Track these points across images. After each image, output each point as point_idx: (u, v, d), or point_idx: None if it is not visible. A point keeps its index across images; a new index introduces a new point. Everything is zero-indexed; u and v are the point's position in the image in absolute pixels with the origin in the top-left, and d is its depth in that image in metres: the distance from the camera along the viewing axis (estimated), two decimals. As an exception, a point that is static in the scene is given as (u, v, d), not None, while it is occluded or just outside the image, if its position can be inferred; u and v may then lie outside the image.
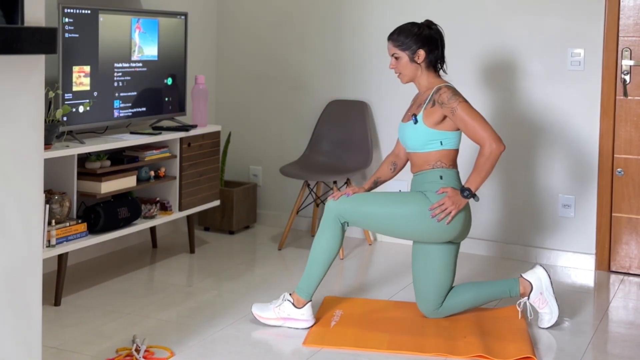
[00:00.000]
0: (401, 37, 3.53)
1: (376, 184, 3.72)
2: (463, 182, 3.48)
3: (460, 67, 4.76)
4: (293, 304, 3.48)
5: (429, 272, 3.53)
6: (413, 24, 3.59)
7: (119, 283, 4.07)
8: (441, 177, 3.45)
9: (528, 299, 3.53)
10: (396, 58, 3.55)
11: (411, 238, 3.55)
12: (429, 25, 3.58)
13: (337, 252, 3.50)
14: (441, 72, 3.63)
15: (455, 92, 3.46)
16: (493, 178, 4.71)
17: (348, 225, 3.51)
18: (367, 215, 3.47)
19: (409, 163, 3.71)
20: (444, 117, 3.44)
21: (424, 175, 3.49)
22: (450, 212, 3.39)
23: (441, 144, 3.46)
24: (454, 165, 3.52)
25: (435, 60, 3.57)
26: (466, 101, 3.45)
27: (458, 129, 3.48)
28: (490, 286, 3.58)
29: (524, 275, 3.56)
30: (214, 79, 5.45)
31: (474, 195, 3.43)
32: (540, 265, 3.59)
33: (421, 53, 3.52)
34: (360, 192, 3.56)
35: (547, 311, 3.52)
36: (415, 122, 3.48)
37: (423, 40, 3.52)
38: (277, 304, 3.51)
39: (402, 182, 4.88)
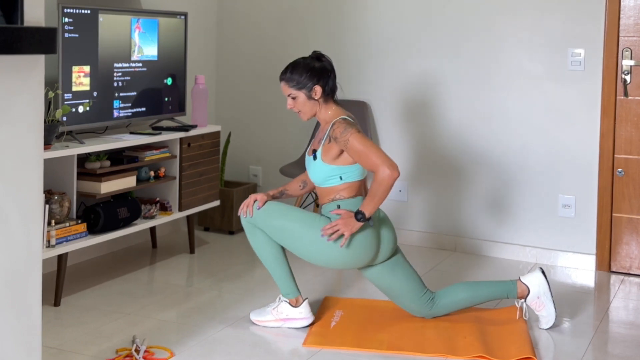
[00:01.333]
0: (295, 76, 3.44)
1: (282, 194, 3.66)
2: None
3: (461, 67, 4.76)
4: (289, 303, 3.49)
5: (394, 288, 3.53)
6: (303, 59, 3.51)
7: (119, 283, 4.07)
8: (338, 207, 3.42)
9: (525, 301, 3.53)
10: (293, 98, 3.47)
11: (321, 263, 3.48)
12: (319, 57, 3.51)
13: (276, 245, 3.48)
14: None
15: (348, 124, 3.38)
16: (492, 177, 4.71)
17: None
18: (277, 229, 3.43)
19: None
20: (341, 152, 3.39)
21: (325, 207, 3.47)
22: (342, 234, 3.32)
23: (340, 178, 3.42)
24: (357, 194, 3.46)
25: (331, 91, 3.49)
26: (359, 131, 3.37)
27: (356, 162, 3.41)
28: (488, 287, 3.58)
29: (522, 278, 3.55)
30: (214, 79, 5.45)
31: (368, 219, 3.35)
32: (540, 269, 3.58)
33: (317, 89, 3.44)
34: (267, 199, 3.49)
35: (544, 314, 3.52)
36: (315, 158, 3.45)
37: (317, 76, 3.44)
38: (274, 306, 3.52)
39: (403, 182, 4.88)
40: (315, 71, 3.45)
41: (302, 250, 3.43)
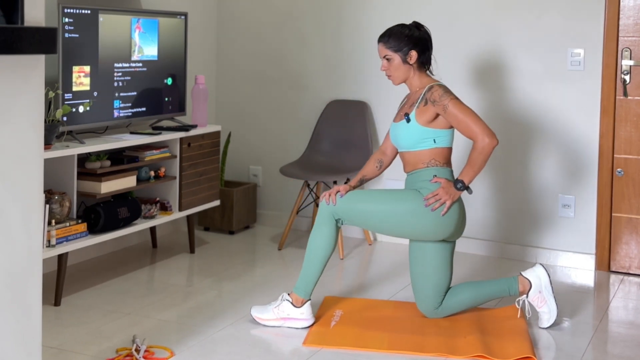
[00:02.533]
0: (392, 39, 3.54)
1: (362, 181, 3.71)
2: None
3: (461, 67, 4.76)
4: (292, 303, 3.49)
5: (427, 272, 3.53)
6: (403, 25, 3.59)
7: (119, 283, 4.07)
8: (435, 176, 3.46)
9: (527, 297, 3.53)
10: (388, 60, 3.56)
11: (407, 236, 3.55)
12: (418, 26, 3.59)
13: (333, 249, 3.51)
14: (429, 72, 3.63)
15: (446, 90, 3.48)
16: (493, 177, 4.71)
17: (342, 223, 3.52)
18: (361, 212, 3.48)
19: (396, 161, 3.72)
20: (437, 115, 3.45)
21: (418, 174, 3.50)
22: (444, 203, 3.39)
23: (434, 142, 3.47)
24: (447, 164, 3.52)
25: (426, 61, 3.59)
26: (457, 98, 3.47)
27: (451, 127, 3.48)
28: (489, 285, 3.58)
29: (523, 273, 3.56)
30: (214, 79, 5.45)
31: (467, 188, 3.43)
32: (541, 265, 3.59)
33: (413, 54, 3.53)
34: (349, 189, 3.55)
35: (546, 310, 3.53)
36: (408, 120, 3.49)
37: (414, 42, 3.54)
38: (276, 305, 3.52)
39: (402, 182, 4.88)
40: (413, 37, 3.54)
41: (392, 227, 3.48)
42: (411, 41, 3.53)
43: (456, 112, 3.41)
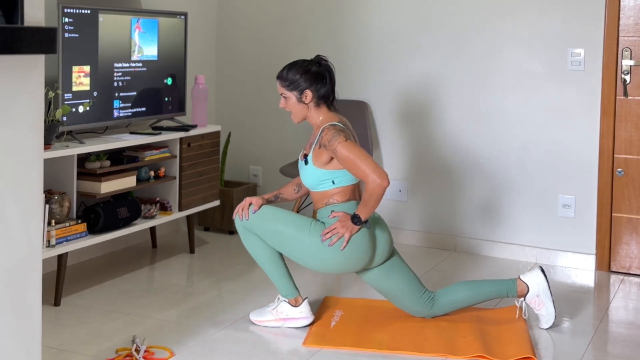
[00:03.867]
0: (289, 77, 3.45)
1: (277, 198, 3.64)
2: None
3: (460, 67, 4.76)
4: (289, 303, 3.49)
5: (392, 291, 3.52)
6: (303, 61, 3.50)
7: (119, 283, 4.07)
8: (332, 211, 3.40)
9: (524, 299, 3.53)
10: (285, 97, 3.48)
11: (316, 268, 3.46)
12: (319, 61, 3.51)
13: (269, 247, 3.47)
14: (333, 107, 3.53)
15: (336, 132, 3.35)
16: (492, 177, 4.71)
17: None
18: (272, 232, 3.41)
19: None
20: (332, 158, 3.38)
21: (320, 213, 3.46)
22: (342, 236, 3.32)
23: (333, 182, 3.41)
24: (351, 198, 3.44)
25: (326, 96, 3.49)
26: (347, 140, 3.34)
27: None
28: (487, 285, 3.58)
29: (522, 276, 3.55)
30: (214, 79, 5.45)
31: (364, 222, 3.34)
32: (540, 268, 3.58)
33: (308, 93, 3.44)
34: (262, 203, 3.47)
35: (544, 313, 3.52)
36: (306, 163, 3.45)
37: (311, 79, 3.44)
38: (273, 306, 3.52)
39: (403, 182, 4.88)
40: (309, 75, 3.44)
41: (298, 255, 3.42)
42: (307, 79, 3.43)
43: (346, 155, 3.30)
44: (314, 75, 3.45)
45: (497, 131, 4.70)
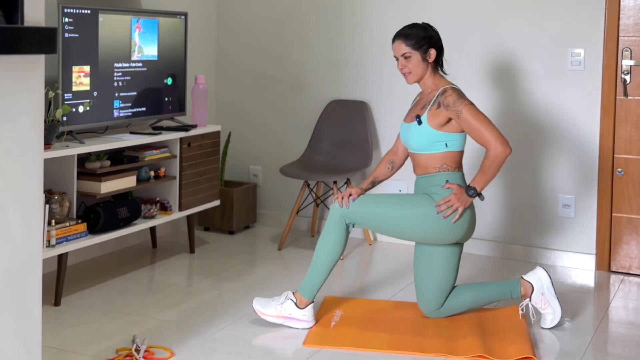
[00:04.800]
0: (412, 36, 3.51)
1: (374, 184, 3.71)
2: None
3: (461, 68, 4.76)
4: (295, 303, 3.48)
5: (432, 272, 3.53)
6: (418, 24, 3.58)
7: (119, 283, 4.07)
8: (447, 182, 3.45)
9: (530, 300, 3.53)
10: (406, 57, 3.51)
11: (418, 240, 3.54)
12: (431, 27, 3.59)
13: (341, 253, 3.51)
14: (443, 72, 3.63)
15: (460, 95, 3.45)
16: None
17: (353, 227, 3.51)
18: (374, 216, 3.47)
19: (407, 162, 3.71)
20: (449, 119, 3.43)
21: (430, 179, 3.48)
22: (456, 209, 3.38)
23: (446, 145, 3.45)
24: (459, 167, 3.51)
25: (441, 62, 3.58)
26: (472, 104, 3.44)
27: (463, 131, 3.46)
28: (491, 287, 3.58)
29: (524, 276, 3.56)
30: (214, 79, 5.45)
31: (479, 194, 3.41)
32: (541, 266, 3.59)
33: (432, 52, 3.52)
34: (361, 193, 3.55)
35: (550, 311, 3.52)
36: (420, 123, 3.46)
37: (433, 41, 3.53)
38: (279, 302, 3.50)
39: (402, 182, 4.88)
40: (432, 37, 3.54)
41: (406, 231, 3.47)
42: (430, 40, 3.52)
43: (470, 119, 3.38)
44: (436, 39, 3.55)
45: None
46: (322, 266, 3.48)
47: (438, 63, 3.56)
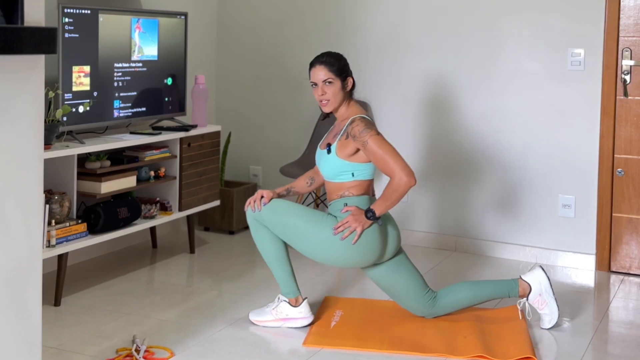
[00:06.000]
0: (334, 64, 3.47)
1: (288, 192, 3.64)
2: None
3: (461, 67, 4.76)
4: (289, 303, 3.49)
5: (397, 289, 3.53)
6: (332, 53, 3.53)
7: (119, 283, 4.07)
8: (345, 205, 3.41)
9: (527, 299, 3.53)
10: (328, 83, 3.45)
11: (325, 261, 3.47)
12: (343, 56, 3.56)
13: (281, 242, 3.46)
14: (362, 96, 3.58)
15: (368, 125, 3.38)
16: (493, 177, 4.71)
17: None
18: (282, 225, 3.41)
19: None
20: (357, 150, 3.39)
21: (333, 205, 3.46)
22: (354, 230, 3.32)
23: (353, 175, 3.41)
24: (365, 193, 3.45)
25: (353, 88, 3.54)
26: (379, 134, 3.38)
27: (370, 161, 3.41)
28: (489, 286, 3.58)
29: (523, 276, 3.56)
30: (214, 79, 5.45)
31: (377, 218, 3.35)
32: (540, 267, 3.59)
33: (350, 81, 3.49)
34: (273, 196, 3.47)
35: (547, 312, 3.52)
36: (329, 152, 3.44)
37: (348, 70, 3.51)
38: (273, 306, 3.52)
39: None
40: (347, 65, 3.52)
41: (308, 248, 3.42)
42: (347, 69, 3.50)
43: (375, 149, 3.32)
44: (348, 67, 3.52)
45: (497, 131, 4.70)
46: (277, 263, 3.47)
47: (351, 93, 3.52)
